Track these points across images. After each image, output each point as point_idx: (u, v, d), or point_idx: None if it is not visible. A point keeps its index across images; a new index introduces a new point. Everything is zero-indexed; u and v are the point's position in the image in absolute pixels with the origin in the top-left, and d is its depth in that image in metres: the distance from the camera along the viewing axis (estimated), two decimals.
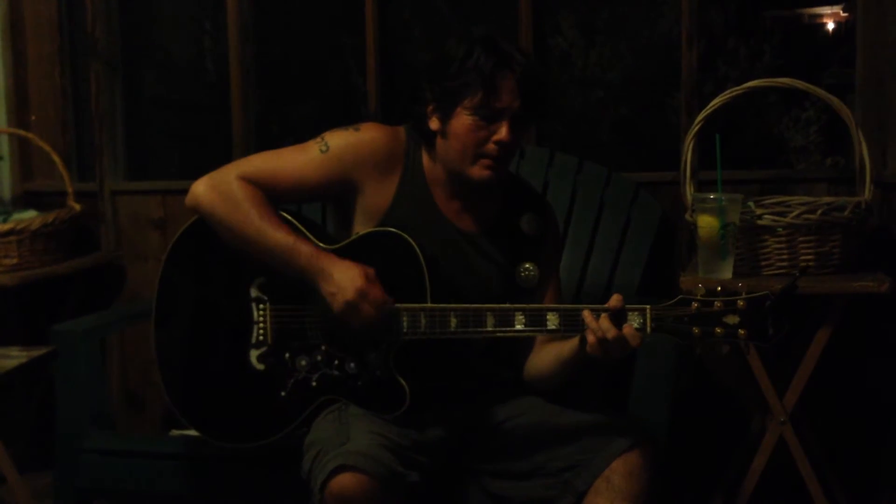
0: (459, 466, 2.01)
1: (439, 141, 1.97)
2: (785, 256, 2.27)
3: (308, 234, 1.97)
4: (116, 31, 3.31)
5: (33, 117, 3.33)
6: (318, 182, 1.98)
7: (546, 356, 1.99)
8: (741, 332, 1.74)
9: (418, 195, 2.01)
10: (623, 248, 2.68)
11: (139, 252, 3.21)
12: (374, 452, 1.77)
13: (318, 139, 2.00)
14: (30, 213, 3.08)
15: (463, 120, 1.91)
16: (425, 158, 2.02)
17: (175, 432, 2.52)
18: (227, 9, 3.16)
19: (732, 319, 1.74)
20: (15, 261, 2.93)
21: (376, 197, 1.99)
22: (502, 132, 1.90)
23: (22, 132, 3.22)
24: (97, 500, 2.46)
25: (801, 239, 2.26)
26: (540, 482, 1.94)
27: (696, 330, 1.76)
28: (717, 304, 1.75)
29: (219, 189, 1.94)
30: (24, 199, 3.30)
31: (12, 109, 3.28)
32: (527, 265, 2.04)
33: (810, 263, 2.26)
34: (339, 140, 1.99)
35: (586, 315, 1.79)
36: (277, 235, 1.90)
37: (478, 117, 1.90)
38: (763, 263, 2.29)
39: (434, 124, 1.96)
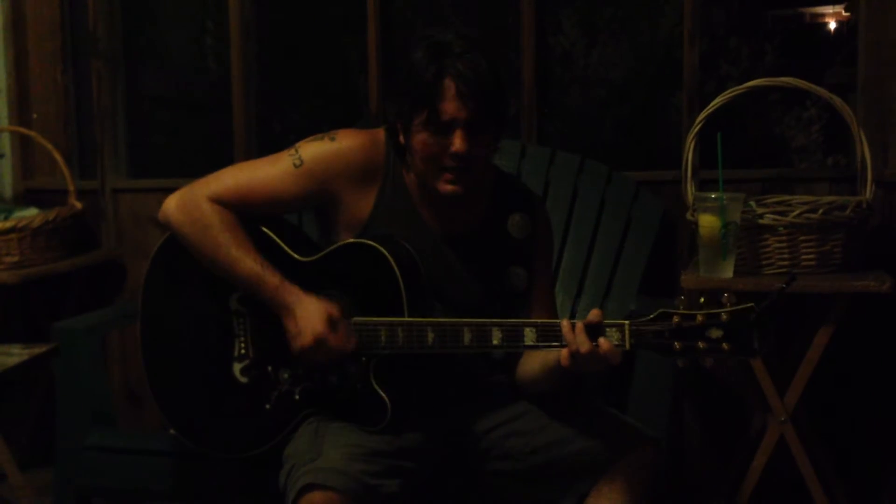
0: (459, 469, 1.99)
1: (408, 154, 1.91)
2: (786, 256, 2.27)
3: (286, 248, 1.92)
4: (118, 29, 3.31)
5: (35, 115, 3.33)
6: (292, 197, 1.93)
7: (534, 362, 1.93)
8: (725, 346, 1.64)
9: (399, 202, 1.94)
10: (624, 248, 2.67)
11: (140, 250, 3.20)
12: (344, 467, 1.74)
13: (292, 150, 1.93)
14: (31, 211, 3.08)
15: (418, 136, 1.84)
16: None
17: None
18: (228, 7, 3.17)
19: (716, 333, 1.65)
20: (16, 258, 2.93)
21: (356, 207, 1.93)
22: (455, 143, 1.80)
23: (23, 130, 3.22)
24: (97, 498, 2.46)
25: (802, 238, 2.26)
26: (541, 484, 1.93)
27: (677, 345, 1.67)
28: (700, 317, 1.66)
29: (187, 210, 1.91)
30: (26, 197, 3.30)
31: (14, 107, 3.29)
32: (515, 269, 1.97)
33: (811, 263, 2.27)
34: (312, 152, 1.92)
35: (564, 330, 1.73)
36: (245, 265, 1.86)
37: (429, 132, 1.82)
38: (764, 263, 2.28)
39: (402, 139, 1.89)
